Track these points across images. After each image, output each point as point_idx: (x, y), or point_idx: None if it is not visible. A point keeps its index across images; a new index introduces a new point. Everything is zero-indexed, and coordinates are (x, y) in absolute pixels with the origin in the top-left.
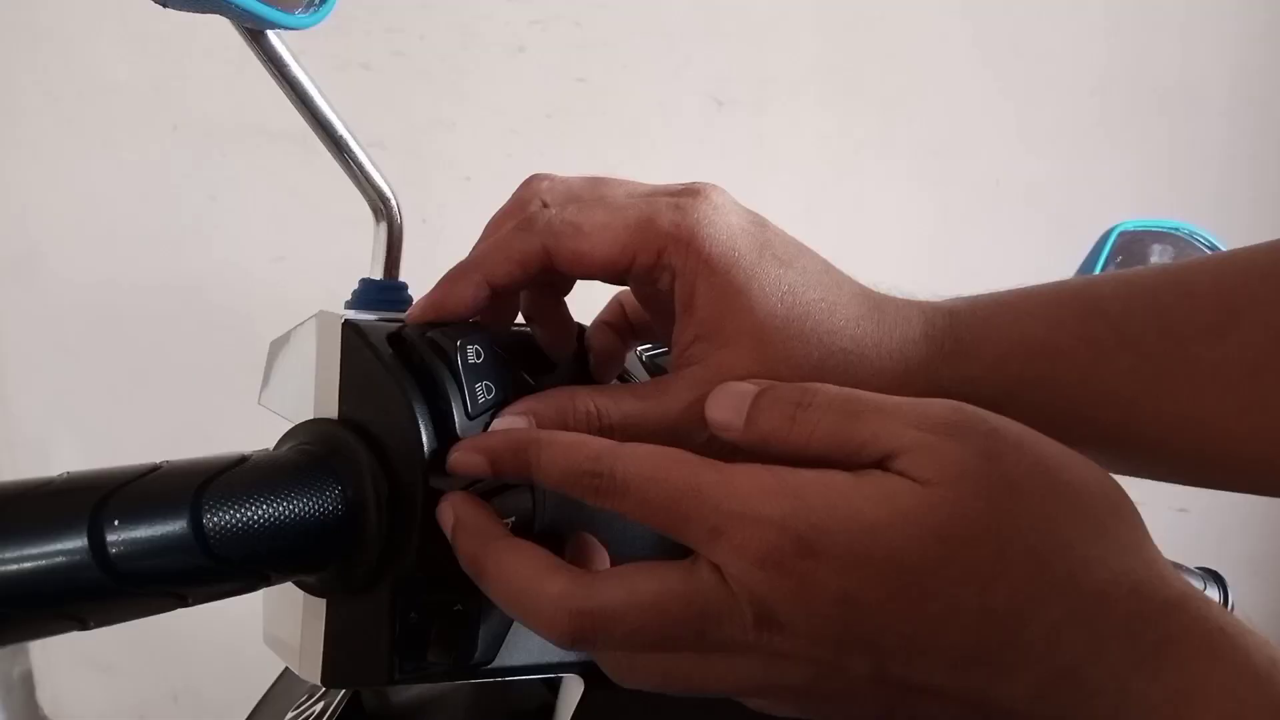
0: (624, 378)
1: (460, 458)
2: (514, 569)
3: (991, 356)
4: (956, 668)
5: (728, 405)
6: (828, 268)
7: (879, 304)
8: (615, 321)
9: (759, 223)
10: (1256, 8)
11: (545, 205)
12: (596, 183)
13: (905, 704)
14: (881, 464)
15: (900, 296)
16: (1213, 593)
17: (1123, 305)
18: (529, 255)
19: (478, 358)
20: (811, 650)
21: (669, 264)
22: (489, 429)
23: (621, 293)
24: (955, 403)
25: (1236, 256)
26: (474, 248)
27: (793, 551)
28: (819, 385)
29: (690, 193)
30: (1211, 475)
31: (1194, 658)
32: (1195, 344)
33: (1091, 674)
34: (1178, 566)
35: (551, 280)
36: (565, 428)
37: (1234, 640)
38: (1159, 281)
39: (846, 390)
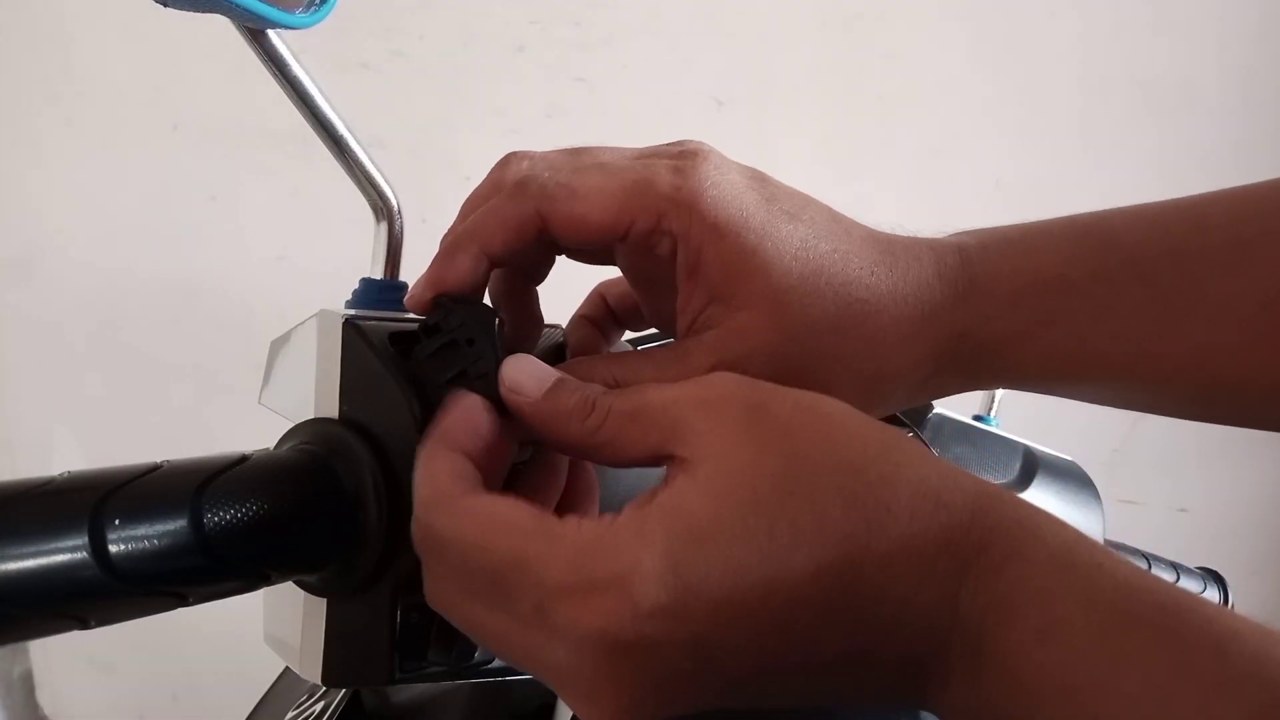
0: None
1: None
2: (436, 466)
3: (1006, 294)
4: (805, 647)
5: (529, 376)
6: (834, 215)
7: (889, 247)
8: (595, 315)
9: (760, 178)
10: (1255, 8)
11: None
12: (577, 152)
13: (762, 694)
14: (670, 443)
15: (906, 235)
16: (1213, 593)
17: (1137, 239)
18: (524, 221)
19: (501, 339)
20: (661, 686)
21: (669, 229)
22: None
23: (602, 285)
24: (723, 373)
25: (1249, 190)
26: (452, 226)
27: (665, 588)
28: (603, 386)
29: (687, 154)
30: (1220, 409)
31: (1005, 561)
32: (1208, 277)
33: (924, 598)
34: (1177, 567)
35: (527, 263)
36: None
37: (1036, 535)
38: (1172, 215)
39: (631, 384)
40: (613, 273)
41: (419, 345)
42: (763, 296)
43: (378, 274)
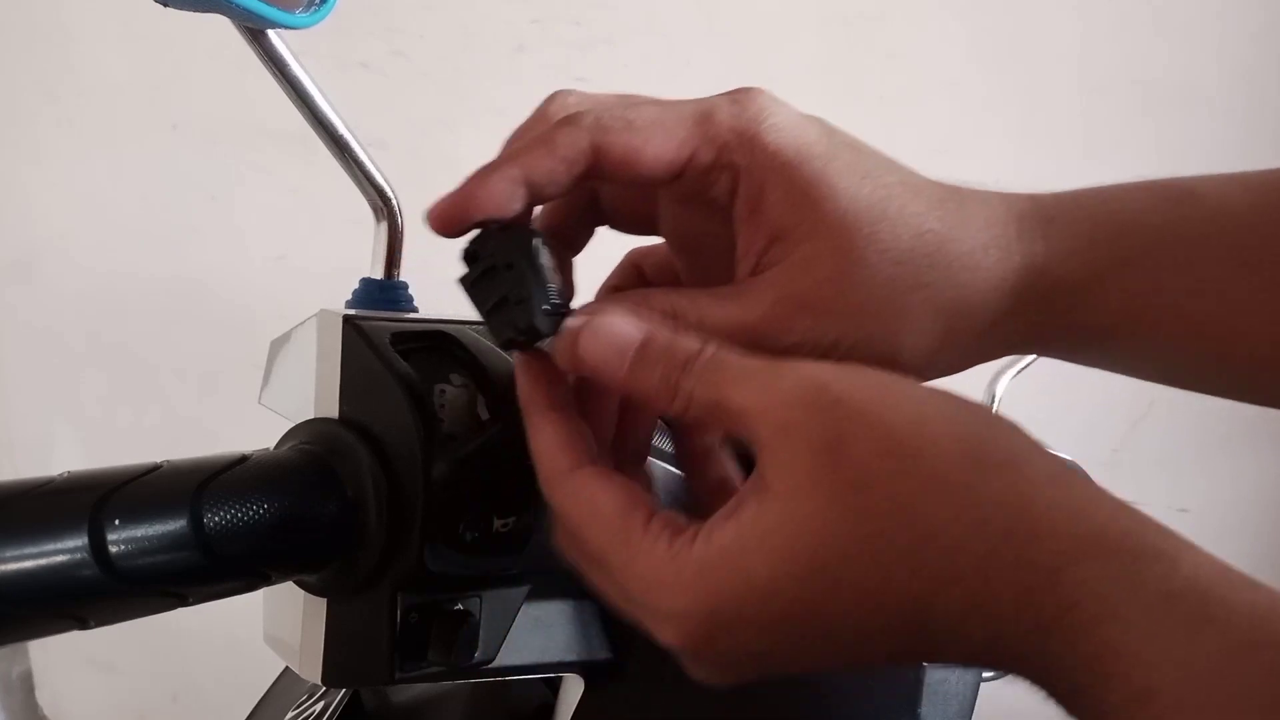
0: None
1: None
2: (548, 435)
3: (1085, 233)
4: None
5: (608, 348)
6: (900, 170)
7: (955, 188)
8: (628, 286)
9: (816, 117)
10: (1256, 8)
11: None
12: (627, 95)
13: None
14: (750, 442)
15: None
16: None
17: (1219, 192)
18: (576, 152)
19: (549, 260)
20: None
21: (729, 162)
22: (570, 326)
23: (634, 252)
24: (804, 375)
25: None
26: (498, 155)
27: (701, 638)
28: (702, 344)
29: (743, 91)
30: None
31: (1096, 624)
32: None
33: (1001, 654)
34: None
35: (567, 225)
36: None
37: (1131, 584)
38: (1256, 174)
39: (721, 353)
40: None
41: (464, 274)
42: (829, 225)
43: (378, 274)
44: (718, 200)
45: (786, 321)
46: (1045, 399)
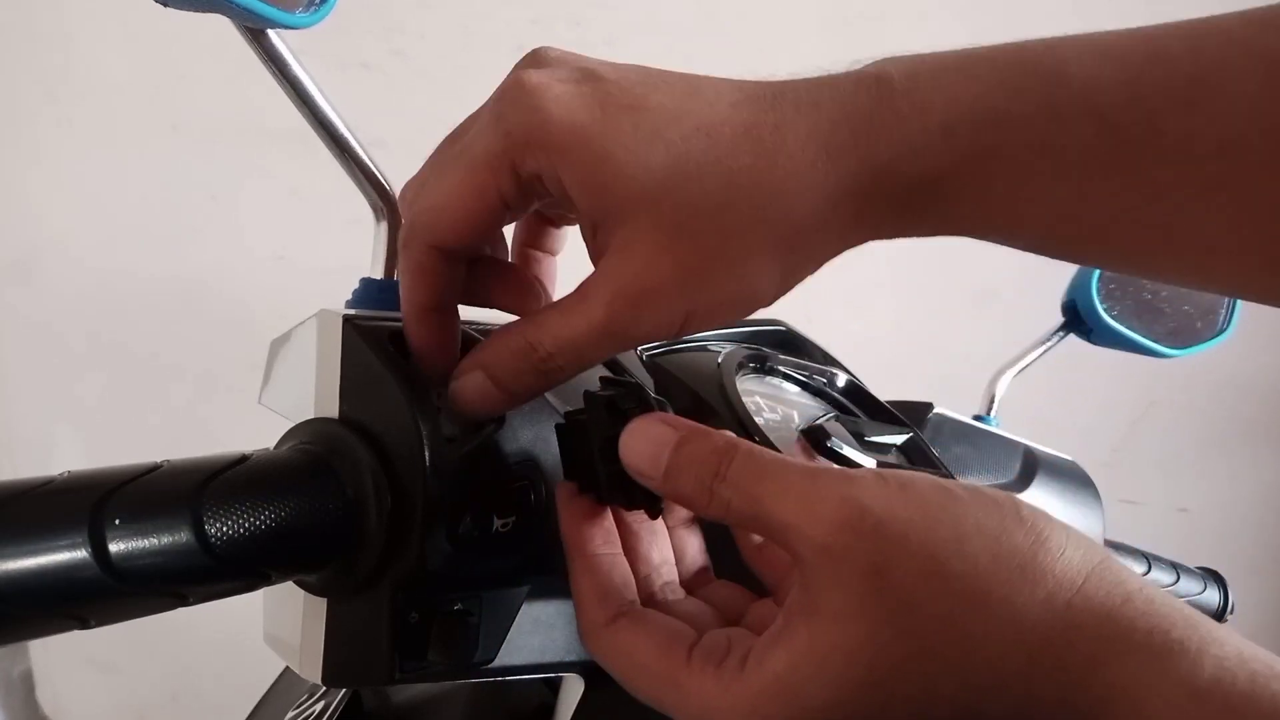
0: (616, 371)
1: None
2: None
3: (938, 125)
4: None
5: (645, 454)
6: (694, 87)
7: (774, 102)
8: (431, 274)
9: (589, 76)
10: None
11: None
12: (425, 170)
13: None
14: (793, 561)
15: (807, 78)
16: (1213, 593)
17: (1091, 70)
18: (424, 258)
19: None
20: None
21: (532, 172)
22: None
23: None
24: (844, 496)
25: (1211, 22)
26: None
27: None
28: (733, 447)
29: (499, 97)
30: (1168, 264)
31: (1141, 700)
32: (1164, 115)
33: None
34: (1177, 567)
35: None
36: (512, 368)
37: (1158, 684)
38: (1129, 44)
39: (755, 458)
40: None
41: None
42: (633, 202)
43: (378, 274)
44: (551, 200)
45: (629, 314)
46: (1045, 399)
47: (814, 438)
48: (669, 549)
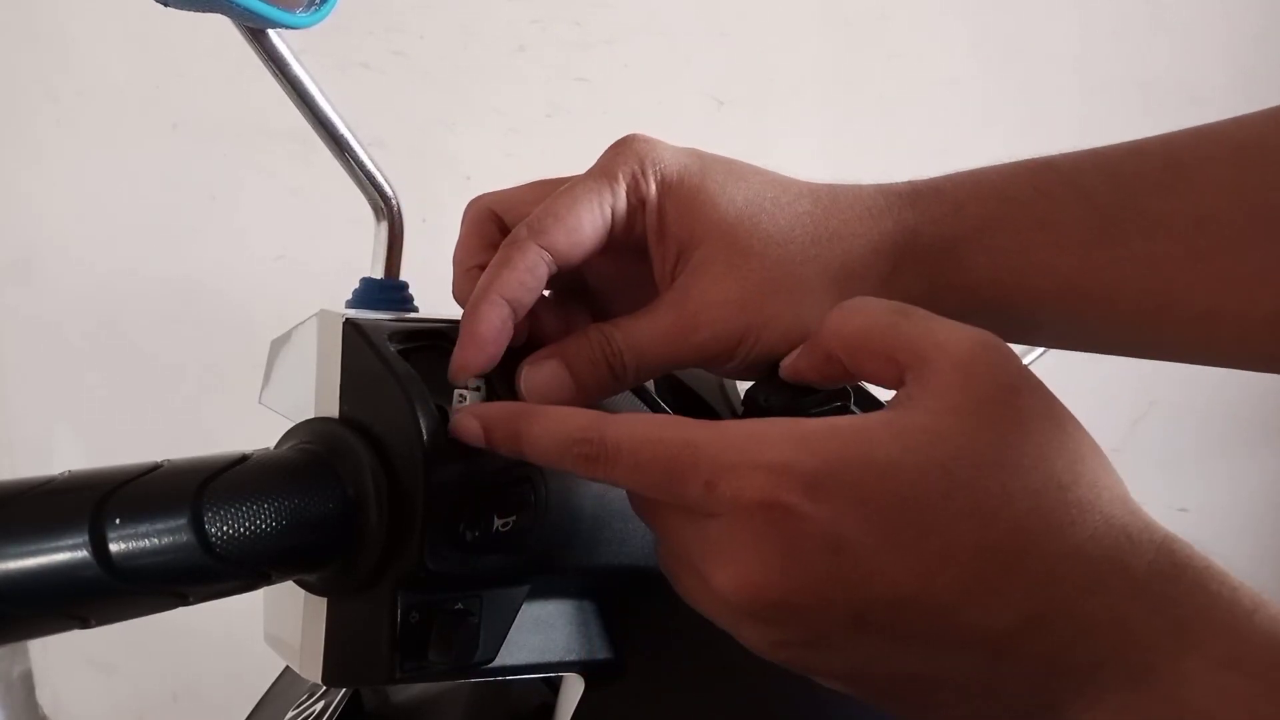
0: (641, 395)
1: (460, 420)
2: (547, 418)
3: (950, 200)
4: (945, 610)
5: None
6: (771, 175)
7: (831, 187)
8: (487, 236)
9: (691, 149)
10: (1256, 8)
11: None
12: (540, 187)
13: (882, 654)
14: (908, 372)
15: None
16: None
17: (1073, 162)
18: (534, 260)
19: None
20: (789, 599)
21: (640, 198)
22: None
23: (483, 199)
24: (988, 333)
25: (1185, 130)
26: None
27: (793, 497)
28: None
29: (622, 141)
30: (1171, 336)
31: (1189, 593)
32: (1142, 196)
33: (1087, 606)
34: None
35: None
36: (588, 359)
37: (1221, 578)
38: (1109, 146)
39: (891, 303)
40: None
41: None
42: (714, 227)
43: (378, 274)
44: (634, 237)
45: (690, 322)
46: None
47: None
48: None
